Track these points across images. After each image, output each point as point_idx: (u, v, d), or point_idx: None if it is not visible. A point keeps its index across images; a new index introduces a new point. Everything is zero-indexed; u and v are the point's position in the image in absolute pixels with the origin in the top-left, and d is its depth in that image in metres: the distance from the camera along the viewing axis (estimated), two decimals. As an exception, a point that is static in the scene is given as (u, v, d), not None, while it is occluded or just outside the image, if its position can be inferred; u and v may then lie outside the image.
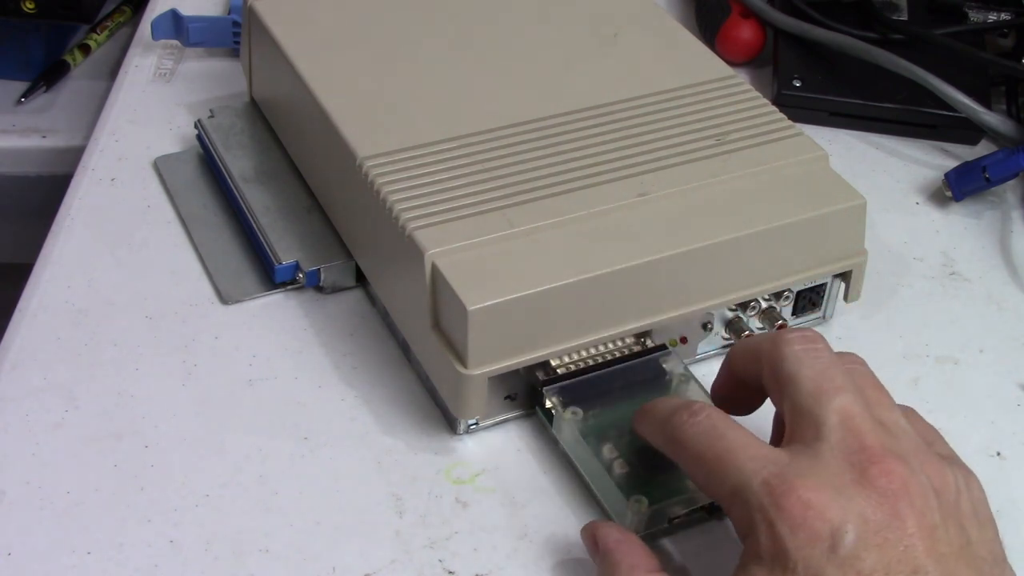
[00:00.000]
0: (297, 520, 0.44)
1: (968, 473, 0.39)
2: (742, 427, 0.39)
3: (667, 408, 0.41)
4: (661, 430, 0.41)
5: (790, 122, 0.52)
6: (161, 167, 0.59)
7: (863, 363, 0.42)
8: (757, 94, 0.54)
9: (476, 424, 0.47)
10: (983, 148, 0.65)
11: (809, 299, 0.51)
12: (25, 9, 0.70)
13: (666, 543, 0.44)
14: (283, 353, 0.50)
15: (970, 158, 0.61)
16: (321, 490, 0.45)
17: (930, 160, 0.64)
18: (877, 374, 0.42)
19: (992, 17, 0.70)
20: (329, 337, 0.51)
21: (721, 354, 0.51)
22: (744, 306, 0.50)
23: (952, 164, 0.61)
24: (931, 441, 0.40)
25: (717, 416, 0.40)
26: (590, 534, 0.42)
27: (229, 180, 0.56)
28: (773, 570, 0.36)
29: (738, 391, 0.43)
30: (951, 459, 0.39)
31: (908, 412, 0.41)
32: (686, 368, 0.47)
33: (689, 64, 0.55)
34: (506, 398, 0.47)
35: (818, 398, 0.39)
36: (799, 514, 0.36)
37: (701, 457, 0.39)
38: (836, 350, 0.45)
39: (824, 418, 0.38)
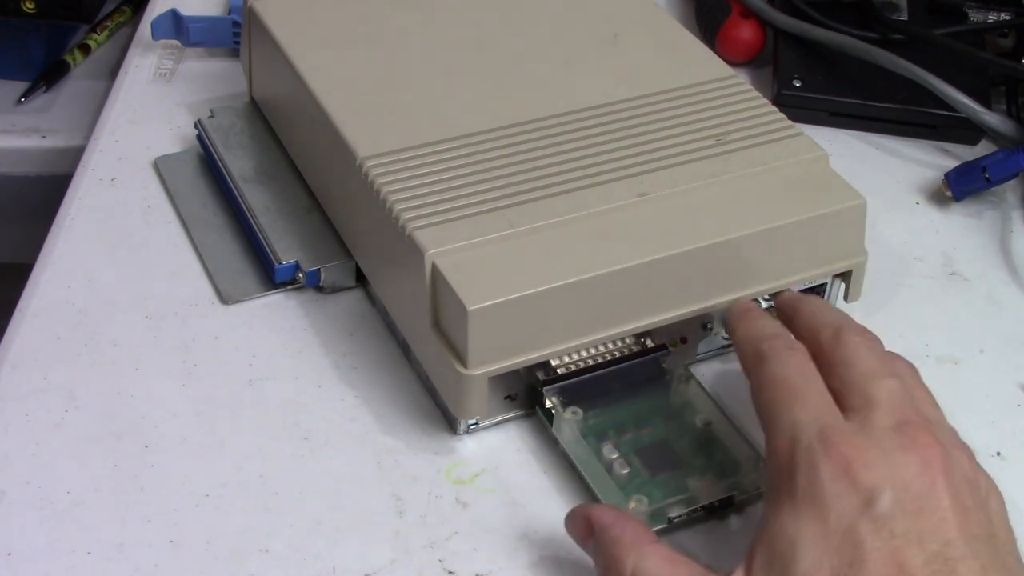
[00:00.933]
0: (297, 520, 0.44)
1: (997, 488, 0.39)
2: (822, 381, 0.41)
3: (770, 329, 0.43)
4: (755, 344, 0.43)
5: (790, 122, 0.52)
6: (161, 167, 0.59)
7: (914, 369, 0.43)
8: (757, 94, 0.54)
9: (476, 424, 0.47)
10: (983, 148, 0.65)
11: (809, 299, 0.51)
12: (25, 9, 0.70)
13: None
14: (283, 353, 0.50)
15: (970, 158, 0.61)
16: (321, 490, 0.45)
17: (930, 160, 0.64)
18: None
19: (992, 17, 0.70)
20: (329, 337, 0.51)
21: (721, 354, 0.51)
22: (744, 306, 0.50)
23: (952, 164, 0.61)
24: (968, 453, 0.40)
25: (808, 361, 0.41)
26: (581, 516, 0.41)
27: (229, 180, 0.56)
28: (805, 513, 0.36)
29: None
30: (983, 470, 0.40)
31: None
32: (686, 368, 0.47)
33: (689, 64, 0.55)
34: (506, 398, 0.47)
35: (870, 377, 0.40)
36: (842, 465, 0.37)
37: (776, 381, 0.40)
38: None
39: (875, 393, 0.39)
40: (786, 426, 0.39)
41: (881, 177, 0.63)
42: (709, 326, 0.49)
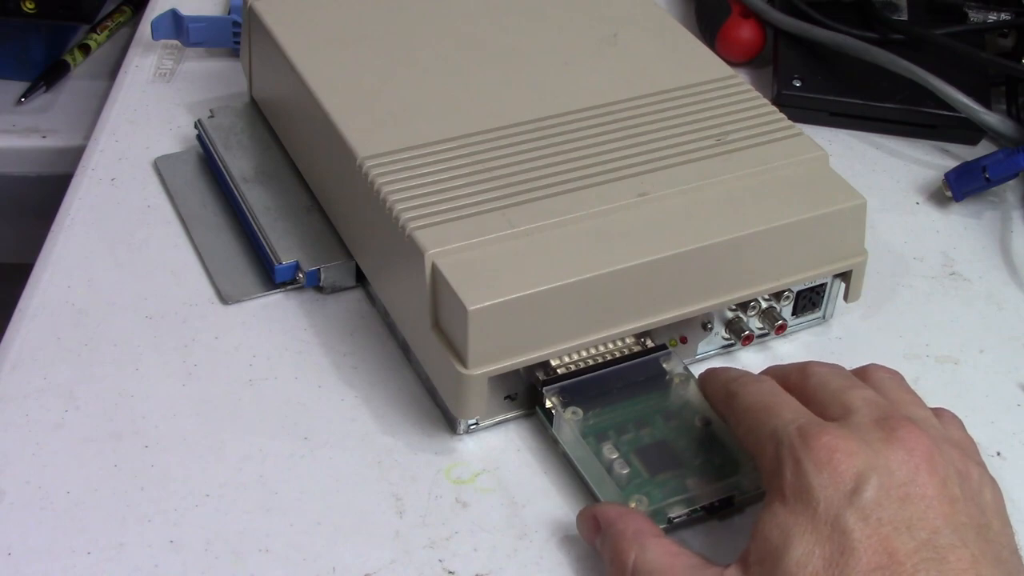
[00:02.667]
0: (297, 520, 0.44)
1: (994, 482, 0.40)
2: (795, 399, 0.41)
3: (734, 372, 0.44)
4: (725, 385, 0.43)
5: (790, 122, 0.52)
6: (161, 167, 0.59)
7: (897, 375, 0.43)
8: (757, 94, 0.54)
9: (476, 424, 0.47)
10: (983, 148, 0.65)
11: (809, 299, 0.51)
12: (25, 9, 0.70)
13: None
14: (283, 353, 0.50)
15: (970, 158, 0.61)
16: (321, 490, 0.45)
17: (930, 160, 0.64)
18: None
19: (992, 17, 0.70)
20: (329, 337, 0.51)
21: (721, 354, 0.51)
22: (744, 306, 0.50)
23: (952, 164, 0.61)
24: (964, 447, 0.41)
25: (776, 385, 0.42)
26: (588, 515, 0.42)
27: (229, 180, 0.56)
28: (795, 507, 0.37)
29: None
30: (981, 464, 0.40)
31: (945, 417, 0.42)
32: (686, 368, 0.47)
33: (689, 64, 0.55)
34: (506, 398, 0.47)
35: (845, 390, 0.41)
36: (825, 455, 0.37)
37: (751, 407, 0.41)
38: (837, 351, 0.45)
39: (851, 401, 0.40)
40: (767, 437, 0.39)
41: (881, 177, 0.63)
42: (709, 326, 0.49)
